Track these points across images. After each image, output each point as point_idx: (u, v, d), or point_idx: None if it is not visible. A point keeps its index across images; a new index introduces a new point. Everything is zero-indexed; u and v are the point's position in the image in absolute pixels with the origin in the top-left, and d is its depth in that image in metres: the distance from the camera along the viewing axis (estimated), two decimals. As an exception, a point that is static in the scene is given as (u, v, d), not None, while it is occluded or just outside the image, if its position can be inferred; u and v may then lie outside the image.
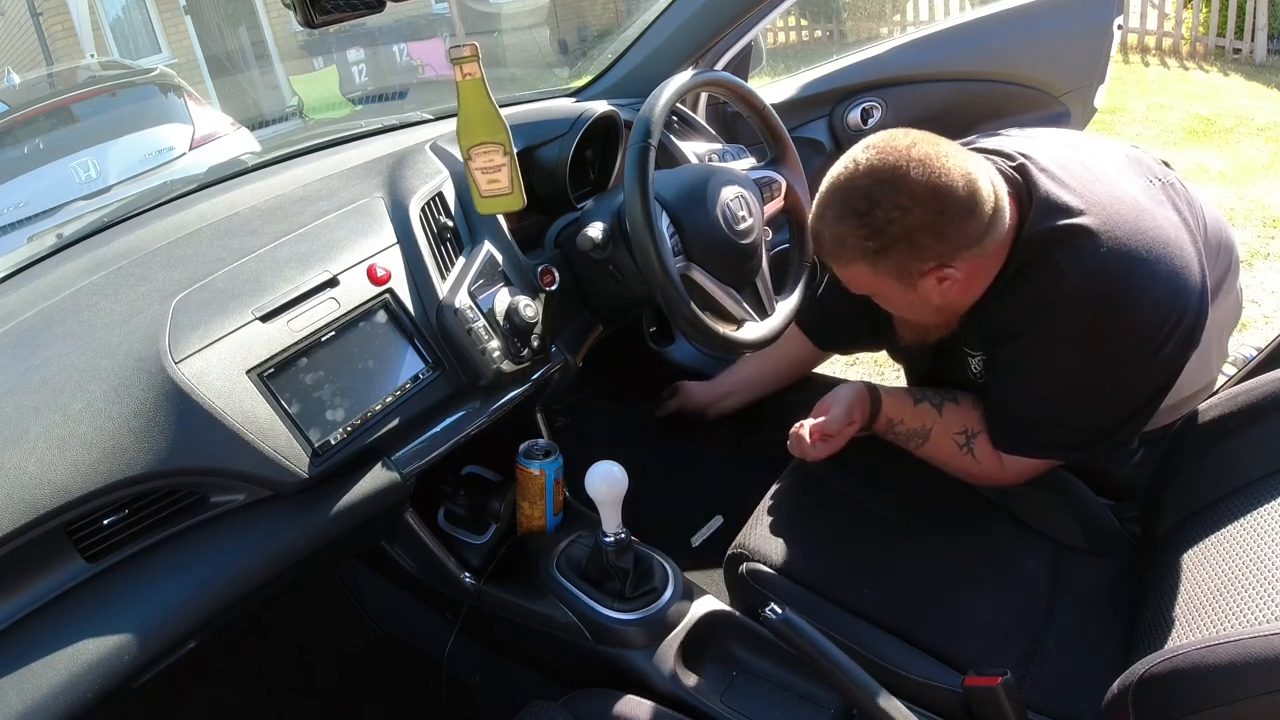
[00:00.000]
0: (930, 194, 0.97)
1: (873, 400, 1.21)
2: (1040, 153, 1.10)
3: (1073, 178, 1.07)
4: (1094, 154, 1.14)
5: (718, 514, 1.57)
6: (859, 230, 1.01)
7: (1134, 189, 1.09)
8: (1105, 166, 1.11)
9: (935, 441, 1.19)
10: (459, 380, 1.10)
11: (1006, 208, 1.03)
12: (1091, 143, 1.19)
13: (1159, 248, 1.03)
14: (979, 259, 1.03)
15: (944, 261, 1.01)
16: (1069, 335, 1.04)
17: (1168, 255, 1.03)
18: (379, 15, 0.87)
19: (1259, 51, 6.26)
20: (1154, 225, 1.04)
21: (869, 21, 8.99)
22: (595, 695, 1.00)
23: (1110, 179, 1.09)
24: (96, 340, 0.92)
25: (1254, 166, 4.18)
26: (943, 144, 1.01)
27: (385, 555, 1.22)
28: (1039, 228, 1.03)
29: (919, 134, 1.02)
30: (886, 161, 0.99)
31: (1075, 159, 1.11)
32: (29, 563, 0.82)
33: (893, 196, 0.98)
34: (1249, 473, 0.96)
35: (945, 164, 0.98)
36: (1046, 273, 1.03)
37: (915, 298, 1.07)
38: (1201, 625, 0.83)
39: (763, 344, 1.25)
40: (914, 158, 0.98)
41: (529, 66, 8.18)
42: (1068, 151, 1.12)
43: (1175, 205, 1.13)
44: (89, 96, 4.86)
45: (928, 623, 1.08)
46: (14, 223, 4.08)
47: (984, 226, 1.00)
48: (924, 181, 0.97)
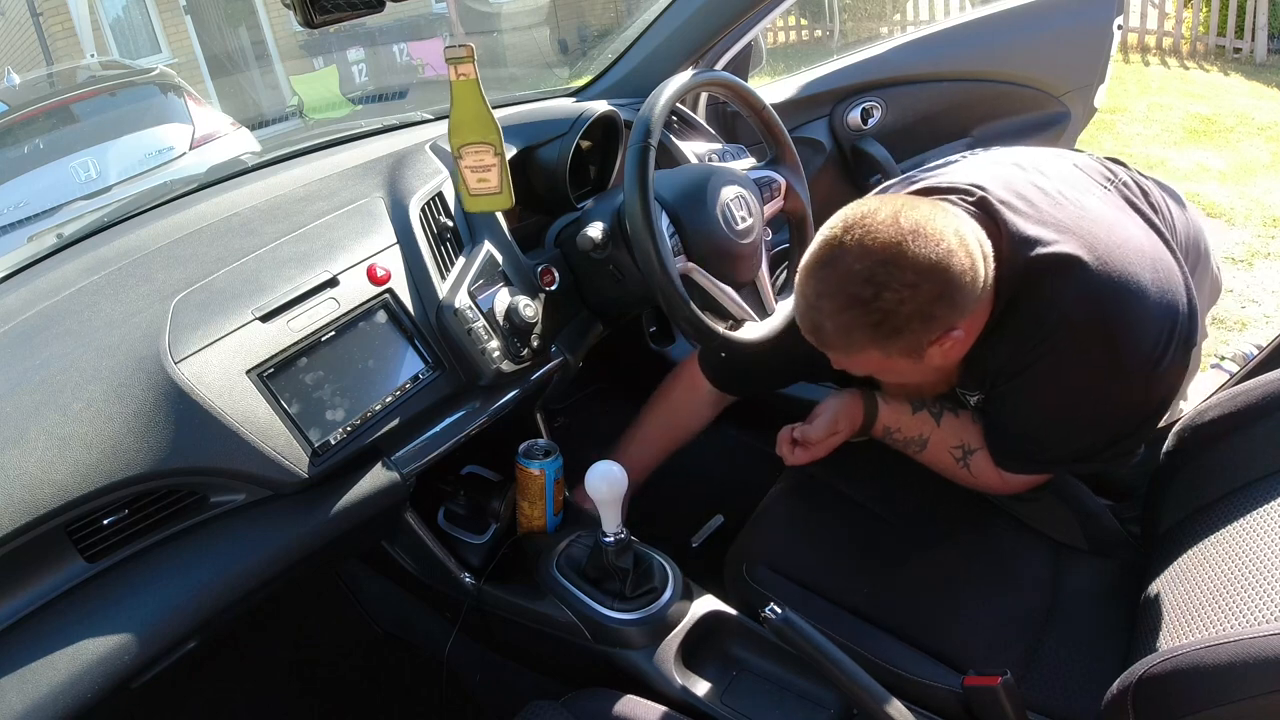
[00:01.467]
0: (933, 266, 0.92)
1: (867, 409, 1.20)
2: (991, 183, 1.05)
3: (1032, 205, 1.03)
4: (1044, 172, 1.09)
5: (717, 514, 1.57)
6: (867, 318, 0.95)
7: (1094, 203, 1.06)
8: (1059, 185, 1.07)
9: (932, 451, 1.19)
10: (459, 380, 1.10)
11: (991, 252, 0.99)
12: (1036, 159, 1.13)
13: (1140, 261, 1.00)
14: (976, 314, 1.00)
15: (953, 325, 0.97)
16: (1069, 362, 1.01)
17: (1150, 266, 1.01)
18: (379, 15, 0.87)
19: (1259, 51, 6.26)
20: (1127, 238, 1.02)
21: (869, 21, 8.98)
22: (595, 695, 1.00)
23: (1069, 198, 1.05)
24: (96, 340, 0.92)
25: (1254, 166, 4.18)
26: (921, 205, 0.96)
27: (385, 555, 1.22)
28: (1017, 262, 0.99)
29: (894, 201, 0.97)
30: (879, 239, 0.93)
31: (1027, 181, 1.06)
32: (29, 563, 0.82)
33: (898, 275, 0.92)
34: (1249, 473, 0.96)
35: (936, 228, 0.93)
36: (1037, 305, 1.00)
37: (922, 366, 1.02)
38: (1201, 625, 0.83)
39: (762, 344, 1.25)
40: (905, 230, 0.93)
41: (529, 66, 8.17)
42: (1017, 175, 1.08)
43: (1137, 207, 1.10)
44: (89, 96, 4.86)
45: (928, 623, 1.08)
46: (14, 223, 4.08)
47: (985, 279, 0.97)
48: (924, 254, 0.92)
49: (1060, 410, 1.06)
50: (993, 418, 1.14)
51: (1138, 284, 0.99)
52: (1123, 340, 0.99)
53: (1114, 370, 1.01)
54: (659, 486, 1.23)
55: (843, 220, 0.97)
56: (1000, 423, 1.13)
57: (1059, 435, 1.09)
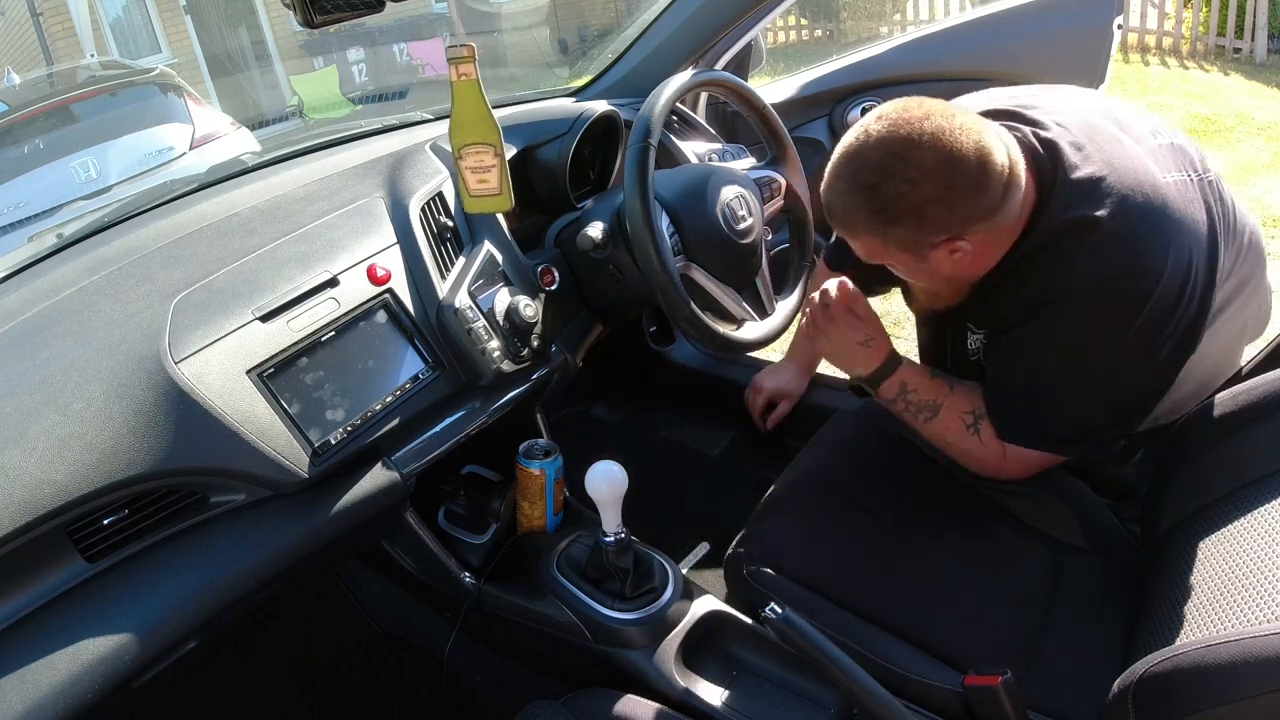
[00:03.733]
0: (939, 168, 0.95)
1: (890, 355, 1.19)
2: (1075, 125, 1.05)
3: (1105, 163, 1.02)
4: (1133, 132, 1.09)
5: (704, 541, 1.56)
6: (867, 203, 1.00)
7: (1166, 181, 1.05)
8: (1141, 151, 1.07)
9: (943, 417, 1.17)
10: (459, 380, 1.10)
11: (1023, 183, 1.00)
12: (1134, 119, 1.13)
13: (1174, 250, 1.01)
14: (991, 233, 1.02)
15: (955, 235, 1.00)
16: (1071, 332, 1.03)
17: (1180, 259, 1.01)
18: (379, 15, 0.87)
19: (1259, 51, 6.26)
20: (1178, 225, 1.02)
21: (869, 21, 8.98)
22: (595, 695, 1.00)
23: (1144, 167, 1.04)
24: (97, 340, 0.92)
25: (1254, 166, 4.18)
26: (957, 114, 0.98)
27: (385, 555, 1.22)
28: (1062, 217, 1.01)
29: (933, 104, 0.99)
30: (898, 134, 0.97)
31: (1113, 137, 1.05)
32: (29, 563, 0.82)
33: (902, 170, 0.96)
34: (1249, 472, 0.96)
35: (957, 137, 0.95)
36: (1059, 268, 1.01)
37: (927, 267, 1.06)
38: (1202, 625, 0.83)
39: (762, 344, 1.25)
40: (926, 131, 0.96)
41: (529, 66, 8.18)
42: (1106, 127, 1.07)
43: (1207, 202, 1.09)
44: (89, 96, 4.86)
45: (928, 622, 1.08)
46: (14, 223, 4.08)
47: (996, 201, 0.98)
48: (934, 155, 0.95)
49: (1053, 378, 1.07)
50: (994, 373, 1.14)
51: (1160, 270, 0.99)
52: (1126, 321, 1.00)
53: (1111, 346, 1.02)
54: (644, 513, 1.22)
55: (879, 112, 1.01)
56: (1001, 379, 1.13)
57: (1051, 405, 1.09)
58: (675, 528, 1.58)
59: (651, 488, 1.39)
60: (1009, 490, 1.21)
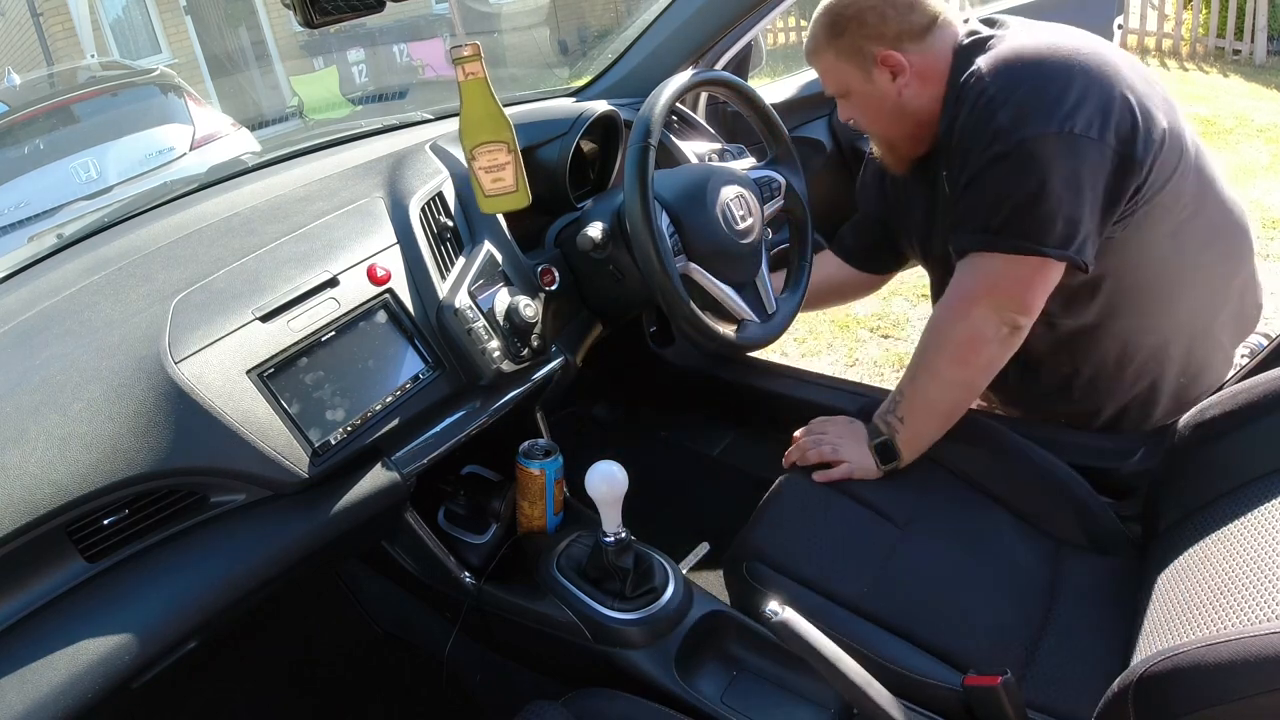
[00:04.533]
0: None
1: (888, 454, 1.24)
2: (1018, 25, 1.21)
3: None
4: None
5: (704, 542, 1.56)
6: (823, 19, 1.24)
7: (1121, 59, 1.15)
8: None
9: (927, 345, 1.21)
10: (459, 380, 1.10)
11: (954, 29, 1.22)
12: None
13: (1083, 49, 1.12)
14: (923, 57, 1.20)
15: (891, 46, 1.20)
16: (993, 128, 1.10)
17: (1093, 53, 1.11)
18: (379, 15, 0.87)
19: (1259, 52, 6.26)
20: (1086, 40, 1.15)
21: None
22: (595, 695, 1.00)
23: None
24: (97, 340, 0.92)
25: (1254, 167, 4.18)
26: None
27: (385, 555, 1.22)
28: (967, 42, 1.20)
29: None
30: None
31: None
32: (29, 563, 0.82)
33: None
34: (1250, 471, 0.96)
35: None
36: (970, 75, 1.14)
37: (875, 90, 1.24)
38: (1202, 624, 0.83)
39: (762, 344, 1.25)
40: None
41: (529, 66, 8.18)
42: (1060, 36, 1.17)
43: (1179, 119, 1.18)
44: (89, 96, 4.87)
45: (928, 621, 1.08)
46: (14, 223, 4.08)
47: (925, 22, 1.20)
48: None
49: (992, 182, 1.12)
50: (968, 209, 1.18)
51: (1064, 51, 1.11)
52: (1027, 89, 1.09)
53: (1030, 121, 1.08)
54: (644, 513, 1.21)
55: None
56: (958, 215, 1.19)
57: (999, 201, 1.12)
58: (675, 528, 1.58)
59: (651, 488, 1.39)
60: (1010, 486, 1.21)
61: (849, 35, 1.22)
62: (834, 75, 1.28)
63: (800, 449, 1.29)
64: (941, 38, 1.21)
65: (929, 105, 1.22)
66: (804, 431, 1.32)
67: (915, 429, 1.22)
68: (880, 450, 1.23)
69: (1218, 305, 1.26)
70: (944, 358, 1.20)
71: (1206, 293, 1.25)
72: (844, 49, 1.23)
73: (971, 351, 1.18)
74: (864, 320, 2.98)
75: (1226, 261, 1.26)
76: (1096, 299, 1.22)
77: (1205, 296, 1.25)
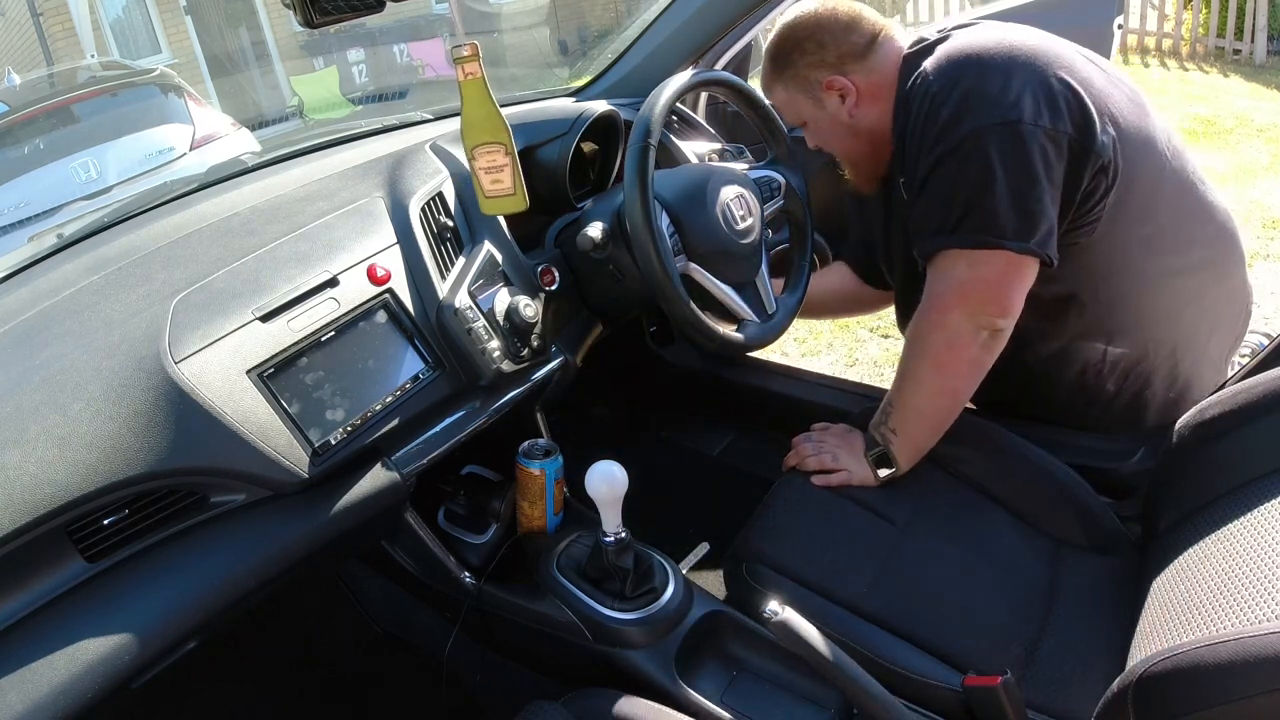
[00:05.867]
0: (813, 17, 1.23)
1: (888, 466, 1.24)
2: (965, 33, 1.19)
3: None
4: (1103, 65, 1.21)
5: (704, 541, 1.56)
6: (770, 54, 1.27)
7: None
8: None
9: (910, 356, 1.20)
10: (459, 380, 1.10)
11: (896, 44, 1.22)
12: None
13: (1028, 42, 1.12)
14: (868, 75, 1.21)
15: (835, 72, 1.21)
16: (938, 126, 1.09)
17: (1039, 46, 1.12)
18: (379, 15, 0.87)
19: (1259, 52, 6.26)
20: (1020, 38, 1.14)
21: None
22: (595, 695, 1.00)
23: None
24: (97, 340, 0.92)
25: (1254, 167, 4.18)
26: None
27: (385, 555, 1.22)
28: (911, 51, 1.20)
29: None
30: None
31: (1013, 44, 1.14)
32: (29, 563, 0.82)
33: (789, 26, 1.25)
34: (1249, 471, 0.96)
35: (845, 6, 1.23)
36: (914, 79, 1.15)
37: (827, 116, 1.25)
38: (1202, 624, 0.83)
39: (762, 344, 1.25)
40: (824, 3, 1.23)
41: (529, 66, 8.18)
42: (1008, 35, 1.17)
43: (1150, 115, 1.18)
44: (89, 96, 4.87)
45: (928, 621, 1.08)
46: (14, 223, 4.08)
47: (864, 42, 1.21)
48: (811, 12, 1.23)
49: (946, 179, 1.11)
50: (926, 209, 1.16)
51: (992, 55, 1.11)
52: (976, 91, 1.08)
53: (976, 119, 1.07)
54: (644, 513, 1.21)
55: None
56: (915, 217, 1.18)
57: (951, 197, 1.11)
58: (675, 528, 1.58)
59: (651, 488, 1.39)
60: (1010, 486, 1.21)
61: (793, 67, 1.24)
62: (788, 108, 1.30)
63: (799, 455, 1.29)
64: (885, 53, 1.21)
65: (881, 121, 1.22)
66: (803, 438, 1.31)
67: (908, 438, 1.21)
68: (877, 460, 1.23)
69: (1202, 312, 1.24)
70: (926, 367, 1.18)
71: (1189, 300, 1.22)
72: (790, 81, 1.25)
73: (952, 359, 1.16)
74: (864, 320, 2.98)
75: (1210, 268, 1.23)
76: (1069, 312, 1.20)
77: (1187, 304, 1.22)
